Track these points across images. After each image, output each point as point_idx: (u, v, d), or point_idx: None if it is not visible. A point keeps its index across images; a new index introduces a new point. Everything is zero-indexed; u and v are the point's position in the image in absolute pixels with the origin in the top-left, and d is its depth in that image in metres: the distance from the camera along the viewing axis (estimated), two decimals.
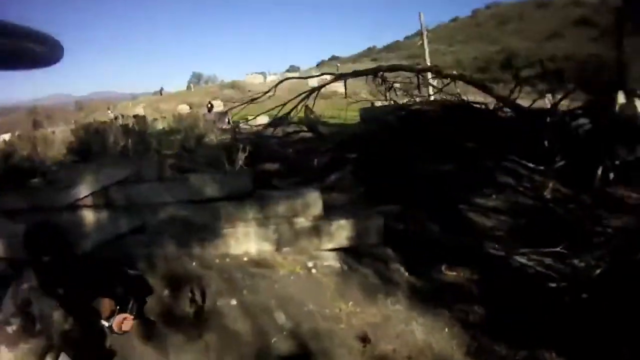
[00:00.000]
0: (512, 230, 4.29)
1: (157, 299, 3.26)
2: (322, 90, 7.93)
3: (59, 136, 6.61)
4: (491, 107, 6.33)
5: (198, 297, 3.19)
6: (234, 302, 3.11)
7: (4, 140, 7.77)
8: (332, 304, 3.26)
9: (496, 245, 3.93)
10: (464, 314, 3.28)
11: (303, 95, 7.29)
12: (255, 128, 9.36)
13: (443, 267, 3.68)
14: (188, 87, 38.92)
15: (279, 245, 3.56)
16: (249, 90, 18.33)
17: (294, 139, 7.67)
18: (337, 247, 3.65)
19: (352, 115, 9.39)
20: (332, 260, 3.57)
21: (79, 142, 5.42)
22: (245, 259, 3.50)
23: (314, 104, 7.65)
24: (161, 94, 34.14)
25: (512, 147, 5.26)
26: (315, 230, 3.61)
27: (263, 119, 10.29)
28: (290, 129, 8.03)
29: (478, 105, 6.50)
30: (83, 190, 3.60)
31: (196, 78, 47.27)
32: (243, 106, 8.42)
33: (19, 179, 4.21)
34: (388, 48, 50.15)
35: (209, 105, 15.90)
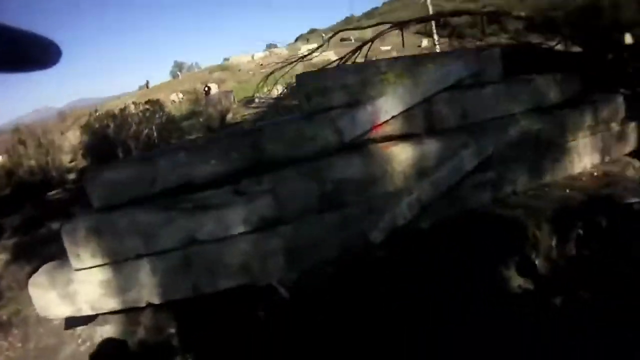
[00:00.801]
0: None
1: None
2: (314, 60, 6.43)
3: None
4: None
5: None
6: None
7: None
8: None
9: None
10: None
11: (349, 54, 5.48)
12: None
13: None
14: (174, 76, 36.29)
15: (603, 155, 2.97)
16: (239, 70, 18.44)
17: None
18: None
19: None
20: None
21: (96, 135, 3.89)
22: (583, 178, 2.82)
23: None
24: (148, 87, 30.83)
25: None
26: (623, 136, 3.13)
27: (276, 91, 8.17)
28: None
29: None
30: (390, 109, 2.13)
31: (178, 67, 44.23)
32: (289, 67, 6.04)
33: None
34: (368, 15, 43.26)
35: (206, 88, 15.32)
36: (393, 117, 2.16)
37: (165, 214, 2.06)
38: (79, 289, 2.09)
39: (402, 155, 2.16)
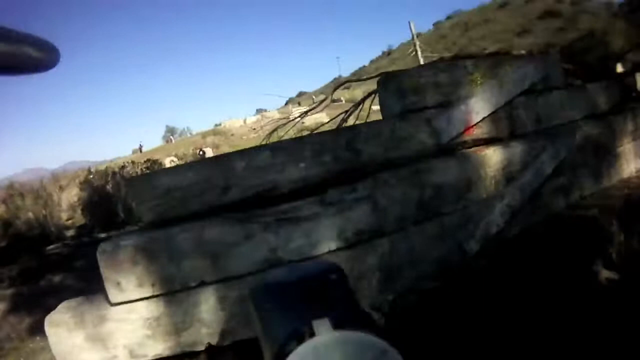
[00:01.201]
0: None
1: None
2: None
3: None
4: None
5: None
6: None
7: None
8: None
9: None
10: None
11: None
12: None
13: None
14: (167, 141, 36.05)
15: None
16: (232, 134, 18.34)
17: None
18: None
19: None
20: None
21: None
22: (635, 180, 2.89)
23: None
24: (141, 151, 30.71)
25: None
26: None
27: None
28: None
29: None
30: (480, 110, 2.04)
31: (170, 132, 45.07)
32: (281, 130, 5.89)
33: None
34: (356, 74, 43.19)
35: (201, 152, 15.38)
36: (483, 119, 2.06)
37: (241, 228, 1.68)
38: (116, 328, 1.63)
39: (493, 158, 2.06)
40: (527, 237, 2.20)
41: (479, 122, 2.03)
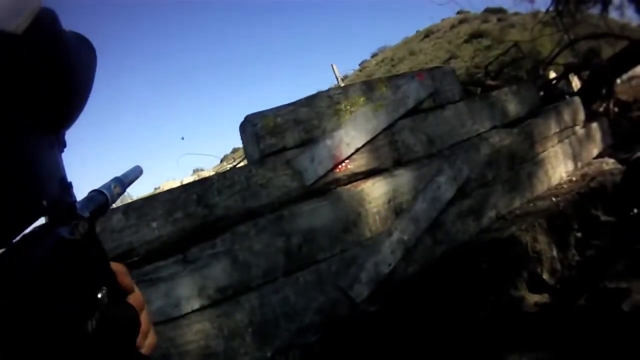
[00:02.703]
0: None
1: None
2: None
3: None
4: None
5: None
6: None
7: None
8: None
9: None
10: None
11: None
12: None
13: None
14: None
15: (575, 161, 2.89)
16: None
17: None
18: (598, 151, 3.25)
19: None
20: None
21: None
22: (565, 186, 2.70)
23: None
24: None
25: None
26: (588, 137, 3.09)
27: None
28: None
29: None
30: (352, 141, 1.89)
31: None
32: None
33: None
34: None
35: None
36: (357, 150, 1.92)
37: None
38: None
39: (374, 192, 1.91)
40: (429, 273, 2.04)
41: (352, 154, 1.89)
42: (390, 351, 1.83)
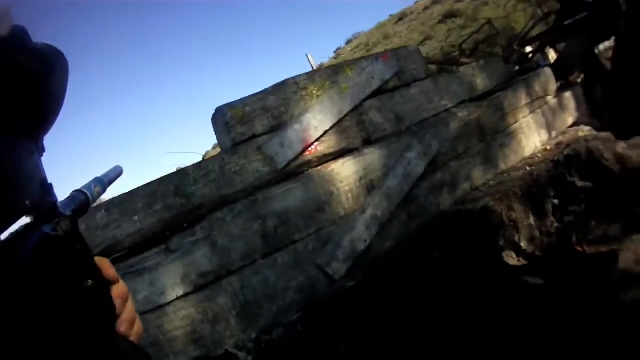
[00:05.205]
0: None
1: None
2: None
3: None
4: None
5: None
6: None
7: None
8: None
9: None
10: None
11: None
12: None
13: None
14: None
15: (549, 130, 2.98)
16: None
17: None
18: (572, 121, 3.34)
19: None
20: None
21: None
22: (539, 155, 2.79)
23: None
24: None
25: None
26: (561, 107, 3.18)
27: None
28: None
29: None
30: (319, 124, 1.98)
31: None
32: None
33: None
34: None
35: None
36: (325, 133, 2.01)
37: None
38: None
39: (344, 172, 2.01)
40: (405, 247, 2.14)
41: (321, 137, 1.98)
42: (370, 325, 1.93)
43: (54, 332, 0.30)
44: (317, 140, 1.97)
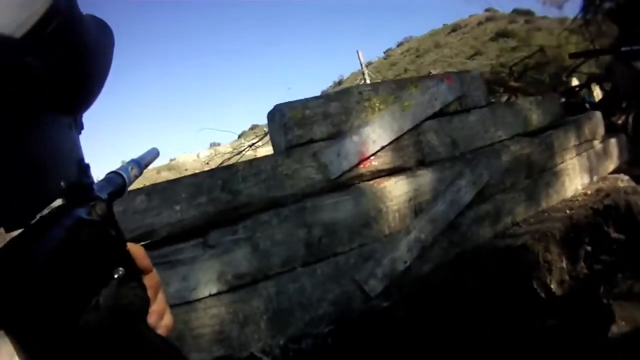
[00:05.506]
0: None
1: None
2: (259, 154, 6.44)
3: None
4: None
5: None
6: None
7: None
8: None
9: None
10: None
11: None
12: None
13: None
14: None
15: (591, 175, 2.93)
16: (186, 169, 17.97)
17: None
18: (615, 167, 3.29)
19: None
20: None
21: None
22: (579, 199, 2.74)
23: None
24: None
25: None
26: (605, 152, 3.13)
27: None
28: None
29: None
30: (378, 138, 1.93)
31: None
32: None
33: None
34: None
35: None
36: (382, 148, 1.96)
37: None
38: None
39: (396, 190, 1.96)
40: (441, 273, 2.09)
41: (377, 152, 1.93)
42: (401, 347, 1.88)
43: (79, 320, 0.28)
44: (373, 154, 1.92)
